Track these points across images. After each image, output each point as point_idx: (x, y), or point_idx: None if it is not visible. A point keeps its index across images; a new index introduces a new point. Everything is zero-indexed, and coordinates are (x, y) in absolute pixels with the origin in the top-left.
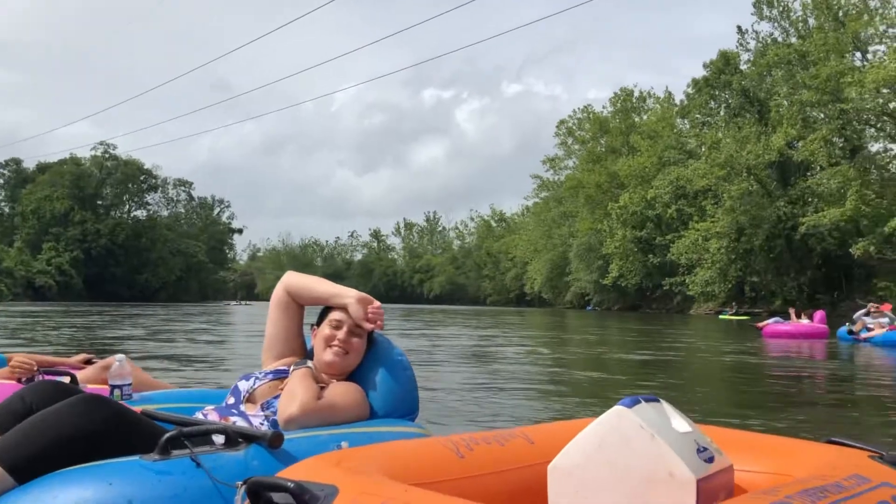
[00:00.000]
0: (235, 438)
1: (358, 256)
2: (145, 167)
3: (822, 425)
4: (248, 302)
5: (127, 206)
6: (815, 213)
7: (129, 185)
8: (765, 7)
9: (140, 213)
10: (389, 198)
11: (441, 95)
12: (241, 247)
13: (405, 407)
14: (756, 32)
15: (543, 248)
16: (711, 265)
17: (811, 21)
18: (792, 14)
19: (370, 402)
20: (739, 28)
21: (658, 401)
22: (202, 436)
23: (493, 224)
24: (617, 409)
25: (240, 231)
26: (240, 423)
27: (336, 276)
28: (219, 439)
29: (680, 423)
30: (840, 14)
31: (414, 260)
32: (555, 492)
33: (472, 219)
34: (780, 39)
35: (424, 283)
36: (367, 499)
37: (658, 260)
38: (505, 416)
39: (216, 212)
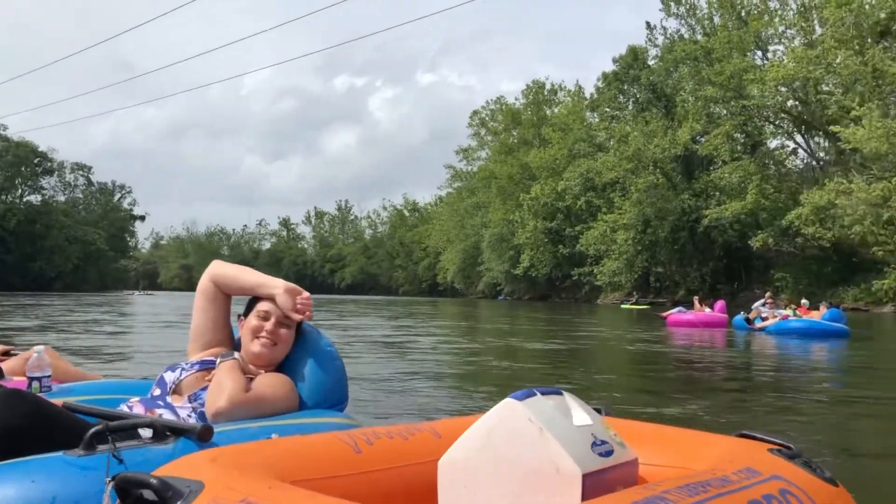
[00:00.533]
0: (163, 432)
1: (266, 245)
2: (40, 149)
3: (727, 414)
4: (150, 292)
5: (19, 191)
6: (718, 206)
7: (22, 168)
8: (672, 4)
9: (34, 198)
10: (300, 186)
11: (354, 83)
12: (143, 234)
13: (334, 397)
14: (664, 28)
15: (456, 239)
16: (619, 256)
17: (716, 19)
18: (698, 11)
19: (299, 392)
20: (648, 24)
21: (560, 393)
22: (129, 430)
23: (407, 214)
24: (506, 403)
25: (142, 218)
26: (167, 415)
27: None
28: (146, 433)
29: (580, 416)
30: (743, 13)
31: (325, 249)
32: (444, 487)
33: (384, 208)
34: (686, 36)
35: (335, 272)
36: (229, 494)
37: (567, 250)
38: (423, 408)
39: (117, 198)
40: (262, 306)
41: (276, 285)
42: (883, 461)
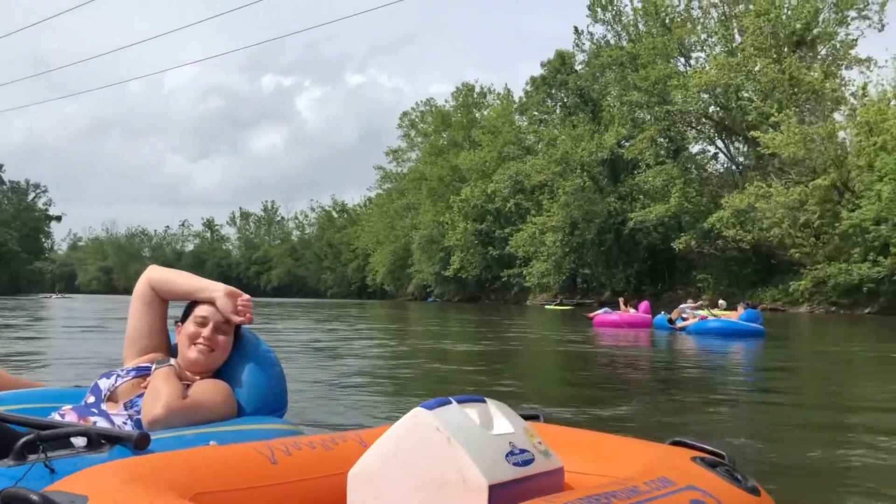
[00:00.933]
0: (98, 440)
1: (190, 247)
2: None
3: (660, 416)
4: (67, 295)
5: None
6: (642, 209)
7: None
8: (599, 10)
9: None
10: (225, 186)
11: (281, 82)
12: (59, 236)
13: (273, 403)
14: (591, 34)
15: (386, 240)
16: (547, 258)
17: (641, 26)
18: (624, 18)
19: (238, 399)
20: (576, 29)
21: (482, 400)
22: (61, 439)
23: (335, 215)
24: (415, 412)
25: (58, 218)
26: (101, 423)
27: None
28: (80, 442)
29: (501, 424)
30: (667, 20)
31: (250, 251)
32: (353, 499)
33: (312, 209)
34: (612, 42)
35: (262, 275)
36: None
37: (497, 252)
38: (359, 413)
39: (31, 197)
40: (200, 311)
41: (216, 288)
42: (807, 466)
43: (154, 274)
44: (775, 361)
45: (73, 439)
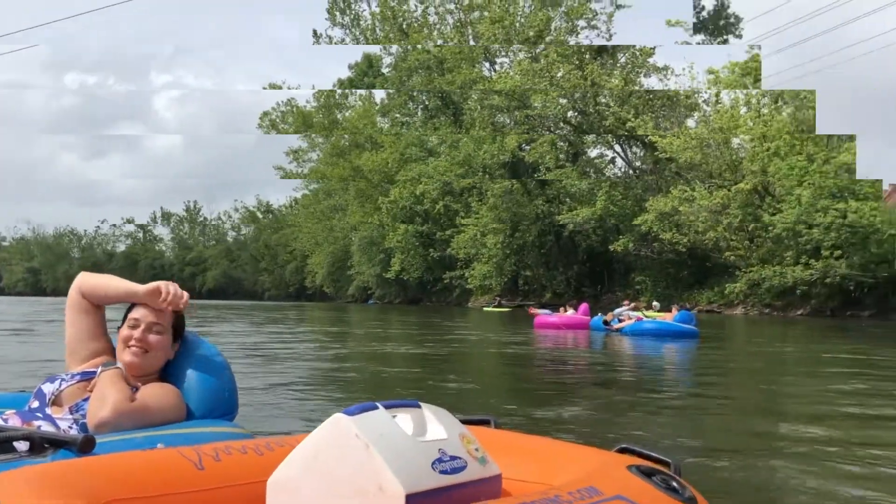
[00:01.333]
0: (41, 444)
1: (121, 247)
2: None
3: (610, 416)
4: None
5: None
6: (570, 212)
7: None
8: (338, 14)
9: None
10: (143, 186)
11: (85, 80)
12: None
13: (223, 406)
14: (330, 37)
15: (325, 242)
16: (488, 260)
17: (379, 31)
18: (363, 22)
19: (187, 402)
20: (315, 32)
21: (417, 405)
22: (3, 443)
23: (260, 216)
24: (335, 418)
25: None
26: (46, 427)
27: (96, 269)
28: (22, 446)
29: (434, 430)
30: (404, 25)
31: (184, 252)
32: None
33: (236, 209)
34: (350, 44)
35: (197, 276)
36: None
37: (438, 254)
38: (306, 417)
39: None
40: (133, 314)
41: (139, 290)
42: (747, 472)
43: (83, 281)
44: (711, 363)
45: (16, 444)
